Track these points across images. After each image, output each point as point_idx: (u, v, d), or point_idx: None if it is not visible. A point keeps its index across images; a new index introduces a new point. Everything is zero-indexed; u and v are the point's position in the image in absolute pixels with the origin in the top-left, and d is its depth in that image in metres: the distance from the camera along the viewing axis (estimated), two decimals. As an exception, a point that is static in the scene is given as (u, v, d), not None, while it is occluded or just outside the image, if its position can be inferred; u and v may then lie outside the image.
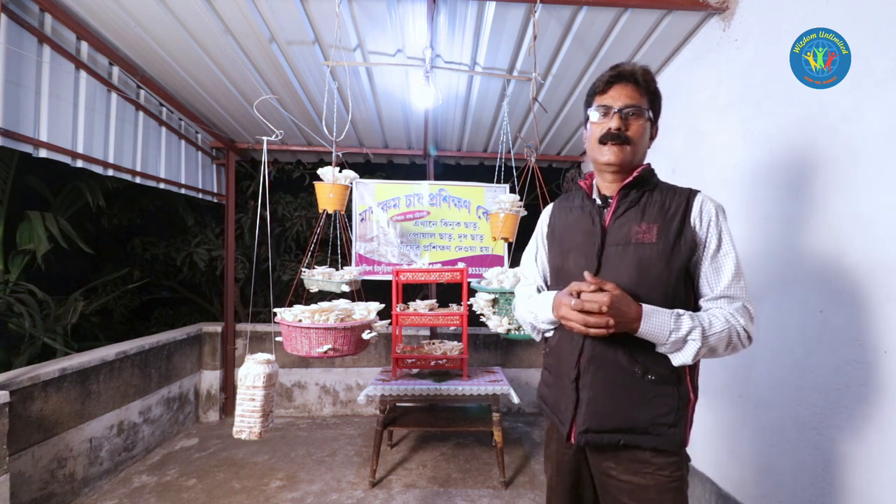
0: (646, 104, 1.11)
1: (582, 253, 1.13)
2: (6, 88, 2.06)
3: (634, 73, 1.11)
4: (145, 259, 5.35)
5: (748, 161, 1.92)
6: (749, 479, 1.89)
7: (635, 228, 1.07)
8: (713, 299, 1.06)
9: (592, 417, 1.07)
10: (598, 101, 1.14)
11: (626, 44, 2.42)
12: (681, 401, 1.06)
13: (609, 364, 1.06)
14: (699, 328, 0.99)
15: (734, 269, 1.05)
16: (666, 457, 1.05)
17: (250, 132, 3.66)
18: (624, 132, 1.09)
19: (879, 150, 1.36)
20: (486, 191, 3.70)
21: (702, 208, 1.08)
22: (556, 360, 1.18)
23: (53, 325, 3.67)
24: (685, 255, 1.05)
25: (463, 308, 2.84)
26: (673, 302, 1.04)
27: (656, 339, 1.00)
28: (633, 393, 1.05)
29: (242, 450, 3.22)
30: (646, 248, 1.05)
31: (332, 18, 2.21)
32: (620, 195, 1.13)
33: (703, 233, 1.06)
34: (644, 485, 1.05)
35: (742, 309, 1.04)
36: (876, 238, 1.36)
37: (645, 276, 1.04)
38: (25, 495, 2.19)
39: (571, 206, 1.25)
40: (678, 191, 1.13)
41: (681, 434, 1.05)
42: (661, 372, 1.04)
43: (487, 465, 3.00)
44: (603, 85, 1.13)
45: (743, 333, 1.03)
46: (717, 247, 1.06)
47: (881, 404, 1.35)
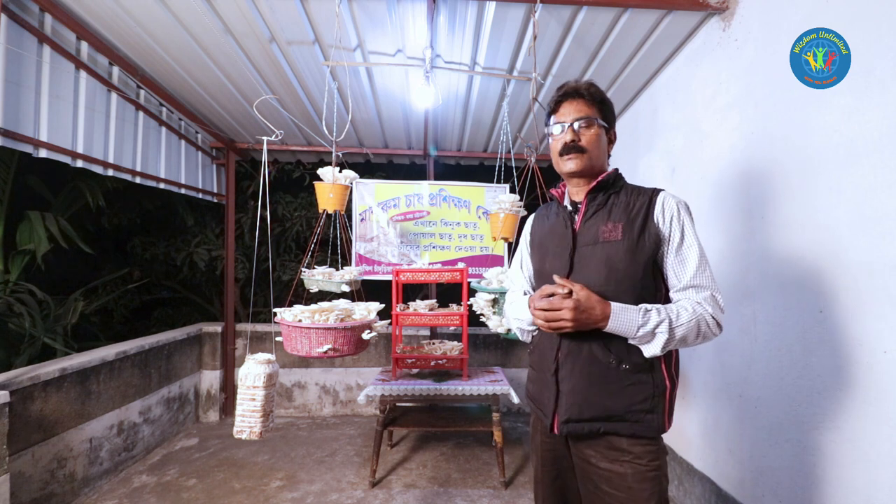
0: (595, 114, 1.20)
1: (557, 255, 1.21)
2: (6, 88, 2.06)
3: (579, 88, 1.21)
4: (145, 259, 5.35)
5: (748, 161, 1.92)
6: (748, 478, 1.90)
7: (602, 228, 1.15)
8: (681, 290, 1.13)
9: (572, 407, 1.13)
10: (554, 120, 1.25)
11: (626, 44, 2.42)
12: (656, 388, 1.11)
13: (585, 356, 1.13)
14: (666, 321, 1.06)
15: (698, 259, 1.12)
16: (643, 445, 1.11)
17: (250, 132, 3.66)
18: (578, 143, 1.19)
19: (879, 150, 1.36)
20: (486, 191, 3.70)
21: (664, 205, 1.16)
22: (539, 356, 1.25)
23: (53, 325, 3.66)
24: (650, 250, 1.12)
25: (463, 308, 2.85)
26: (642, 294, 1.12)
27: (625, 334, 1.08)
28: (609, 382, 1.11)
29: (242, 450, 3.22)
30: (612, 246, 1.13)
31: (332, 18, 2.21)
32: (588, 199, 1.21)
33: (667, 228, 1.14)
34: (622, 473, 1.10)
35: (710, 298, 1.10)
36: (876, 238, 1.36)
37: (613, 271, 1.12)
38: (25, 495, 2.19)
39: (548, 213, 1.34)
40: (642, 191, 1.20)
41: (659, 420, 1.11)
42: (635, 361, 1.11)
43: (487, 465, 3.00)
44: (554, 104, 1.24)
45: (712, 322, 1.09)
46: (680, 240, 1.13)
47: (881, 404, 1.35)
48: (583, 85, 1.22)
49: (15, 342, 3.45)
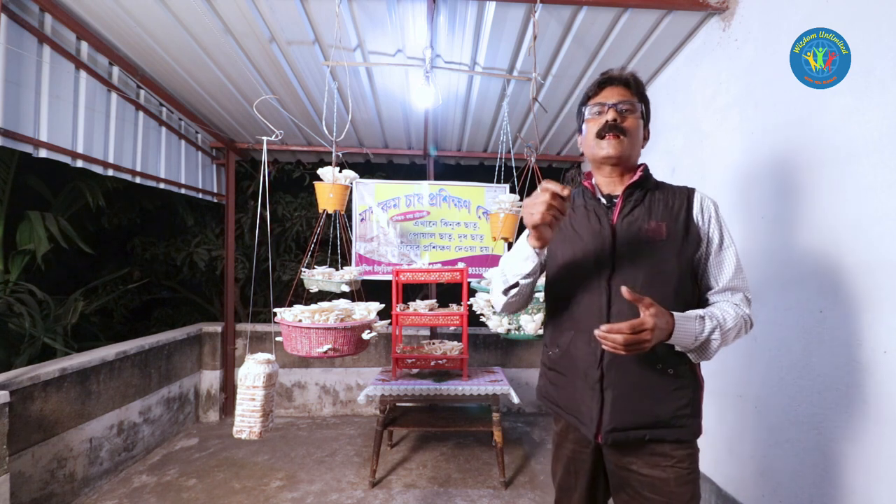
0: (638, 104, 1.15)
1: (592, 253, 1.13)
2: (6, 88, 2.06)
3: (624, 76, 1.16)
4: (145, 259, 5.35)
5: (748, 161, 1.92)
6: (749, 478, 1.90)
7: (645, 227, 1.10)
8: (719, 292, 1.11)
9: (619, 416, 1.08)
10: (593, 102, 1.17)
11: (626, 44, 2.42)
12: (695, 391, 1.12)
13: (631, 363, 1.07)
14: (719, 327, 1.03)
15: (736, 261, 1.11)
16: (684, 449, 1.10)
17: (250, 132, 3.66)
18: (620, 123, 1.12)
19: (880, 150, 1.36)
20: (486, 191, 3.70)
21: (702, 205, 1.13)
22: (571, 361, 1.16)
23: (53, 325, 3.66)
24: (692, 250, 1.10)
25: (463, 308, 2.84)
26: (683, 296, 1.09)
27: (683, 344, 1.03)
28: (656, 389, 1.08)
29: (242, 450, 3.22)
30: (657, 245, 1.08)
31: (332, 18, 2.21)
32: (626, 194, 1.15)
33: (706, 228, 1.12)
34: (665, 478, 1.08)
35: (744, 298, 1.11)
36: (876, 238, 1.36)
37: (658, 272, 1.08)
38: (25, 495, 2.19)
39: (573, 205, 1.24)
40: (677, 189, 1.17)
41: (699, 423, 1.11)
42: (679, 365, 1.09)
43: (487, 465, 3.00)
44: (595, 88, 1.17)
45: (748, 321, 1.09)
46: (719, 241, 1.11)
47: (881, 404, 1.35)
48: (628, 74, 1.16)
49: (15, 342, 3.45)
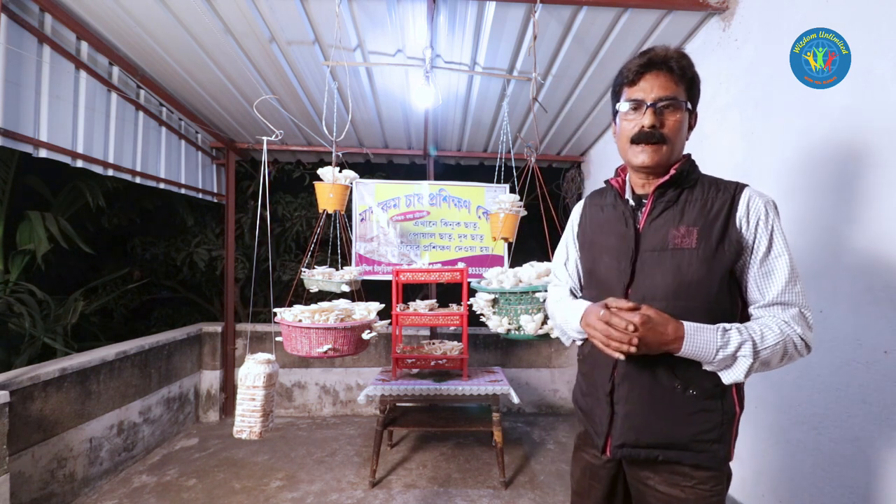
0: (683, 94, 1.00)
1: (614, 258, 1.05)
2: (6, 88, 2.06)
3: (668, 58, 0.98)
4: (145, 259, 5.35)
5: (748, 161, 1.92)
6: (749, 478, 1.90)
7: (673, 232, 0.98)
8: (765, 306, 0.96)
9: (628, 432, 1.01)
10: (628, 94, 1.02)
11: (626, 44, 2.42)
12: (725, 415, 0.98)
13: (645, 379, 0.99)
14: (749, 342, 0.91)
15: (788, 272, 0.94)
16: (707, 470, 0.99)
17: (250, 132, 3.66)
18: (659, 129, 0.98)
19: (879, 150, 1.36)
20: (486, 191, 3.70)
21: (748, 206, 0.97)
22: (591, 368, 1.12)
23: (53, 325, 3.66)
24: (729, 260, 0.95)
25: (463, 308, 2.84)
26: (716, 311, 0.96)
27: (701, 359, 0.93)
28: (672, 409, 0.98)
29: (242, 450, 3.22)
30: (685, 254, 0.96)
31: (332, 18, 2.21)
32: (656, 195, 1.02)
33: (751, 234, 0.96)
34: (683, 498, 0.99)
35: (798, 315, 0.94)
36: (876, 238, 1.36)
37: (684, 284, 0.96)
38: (25, 495, 2.19)
39: (603, 203, 1.14)
40: (722, 186, 1.01)
41: (725, 450, 0.98)
42: (705, 386, 0.96)
43: (487, 465, 3.00)
44: (633, 75, 1.00)
45: (800, 343, 0.93)
46: (767, 248, 0.95)
47: (881, 404, 1.35)
48: (673, 54, 0.98)
49: (15, 342, 3.45)
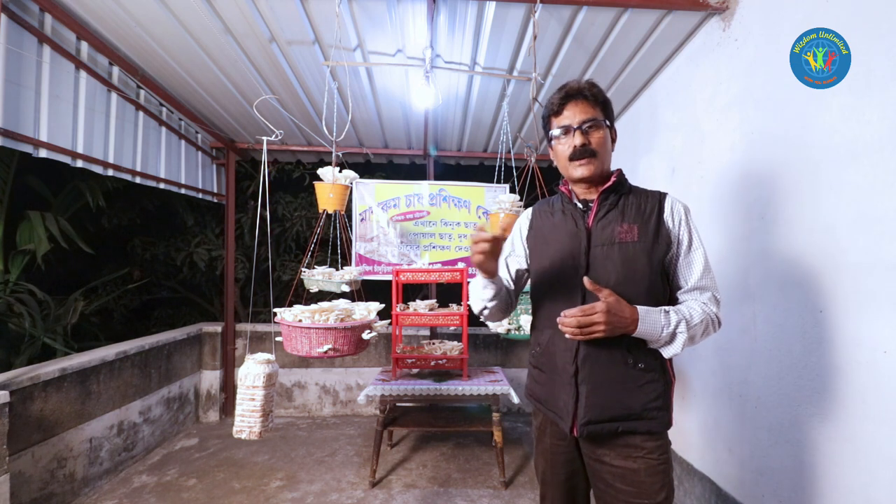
0: (601, 115, 1.20)
1: (569, 253, 1.21)
2: (6, 88, 2.06)
3: (582, 89, 1.19)
4: (145, 259, 5.35)
5: (748, 161, 1.92)
6: (748, 478, 1.90)
7: (618, 229, 1.17)
8: (688, 291, 1.19)
9: (592, 409, 1.14)
10: (557, 122, 1.22)
11: (625, 44, 2.42)
12: (666, 385, 1.18)
13: (604, 358, 1.14)
14: (684, 321, 1.10)
15: (704, 262, 1.18)
16: (654, 440, 1.15)
17: (250, 132, 3.66)
18: (589, 146, 1.18)
19: (880, 150, 1.36)
20: (486, 191, 3.70)
21: (672, 209, 1.20)
22: (550, 357, 1.24)
23: (53, 325, 3.66)
24: (662, 252, 1.17)
25: (463, 308, 2.84)
26: (654, 294, 1.16)
27: (651, 337, 1.10)
28: (627, 382, 1.14)
29: (242, 450, 3.22)
30: (629, 247, 1.15)
31: (332, 18, 2.21)
32: (601, 199, 1.22)
33: (676, 230, 1.18)
34: (635, 468, 1.13)
35: (712, 298, 1.17)
36: (876, 238, 1.36)
37: (631, 272, 1.14)
38: (25, 495, 2.19)
39: (552, 210, 1.33)
40: (649, 193, 1.23)
41: (668, 416, 1.17)
42: (650, 361, 1.15)
43: (487, 465, 3.00)
44: (557, 106, 1.22)
45: (716, 320, 1.16)
46: (688, 243, 1.18)
47: (881, 404, 1.34)
48: (585, 85, 1.20)
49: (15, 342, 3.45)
